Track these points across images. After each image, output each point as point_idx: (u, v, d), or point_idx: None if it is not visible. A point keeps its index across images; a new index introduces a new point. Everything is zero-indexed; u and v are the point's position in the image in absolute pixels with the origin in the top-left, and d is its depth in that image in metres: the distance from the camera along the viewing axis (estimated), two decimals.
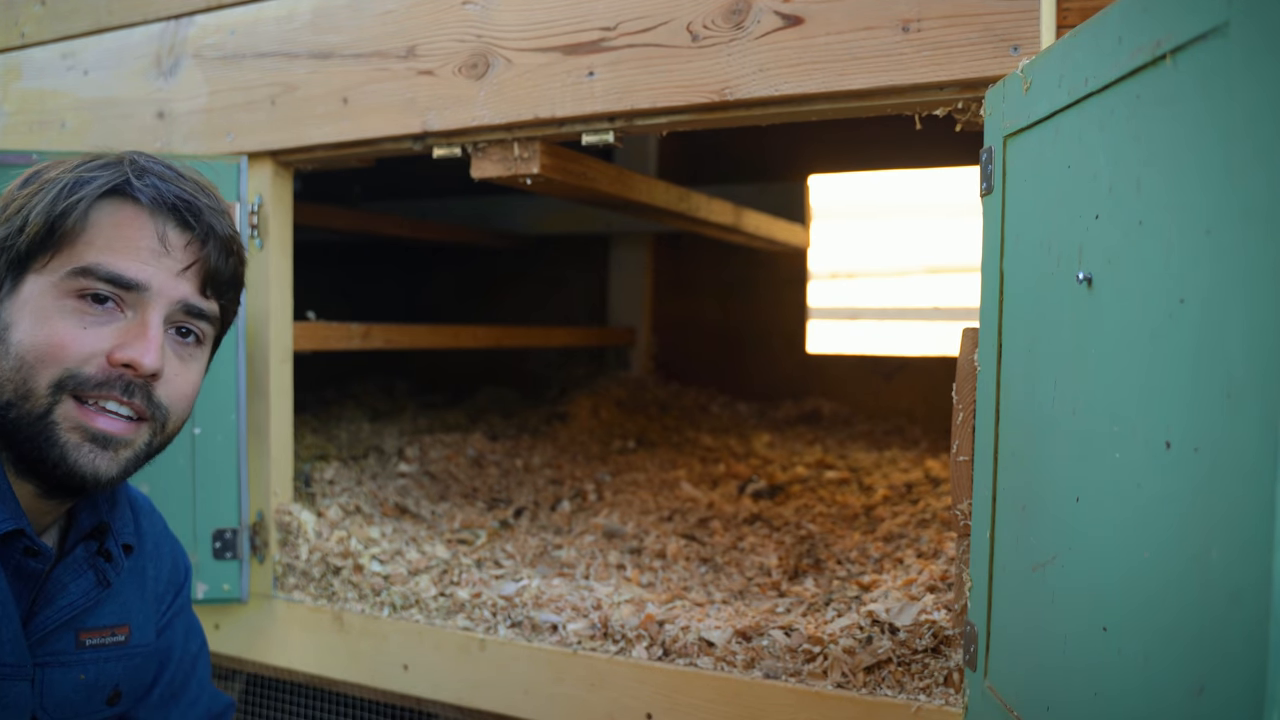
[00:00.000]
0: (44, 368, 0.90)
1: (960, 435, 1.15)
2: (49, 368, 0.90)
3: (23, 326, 0.91)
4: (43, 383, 0.90)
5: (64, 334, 0.90)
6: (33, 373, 0.90)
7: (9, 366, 0.90)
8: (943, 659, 1.22)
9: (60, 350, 0.90)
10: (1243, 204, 0.59)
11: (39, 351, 0.90)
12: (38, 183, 0.93)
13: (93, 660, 1.02)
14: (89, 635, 1.01)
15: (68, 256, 0.91)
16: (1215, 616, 0.60)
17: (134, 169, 0.95)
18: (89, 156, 0.97)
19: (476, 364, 3.54)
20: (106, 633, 1.03)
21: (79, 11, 1.86)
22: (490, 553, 1.74)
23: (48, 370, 0.90)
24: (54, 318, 0.91)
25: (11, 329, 0.91)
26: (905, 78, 1.19)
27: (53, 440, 0.90)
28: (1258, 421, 0.57)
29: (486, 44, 1.47)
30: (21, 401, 0.90)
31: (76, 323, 0.91)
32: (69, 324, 0.91)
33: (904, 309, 4.48)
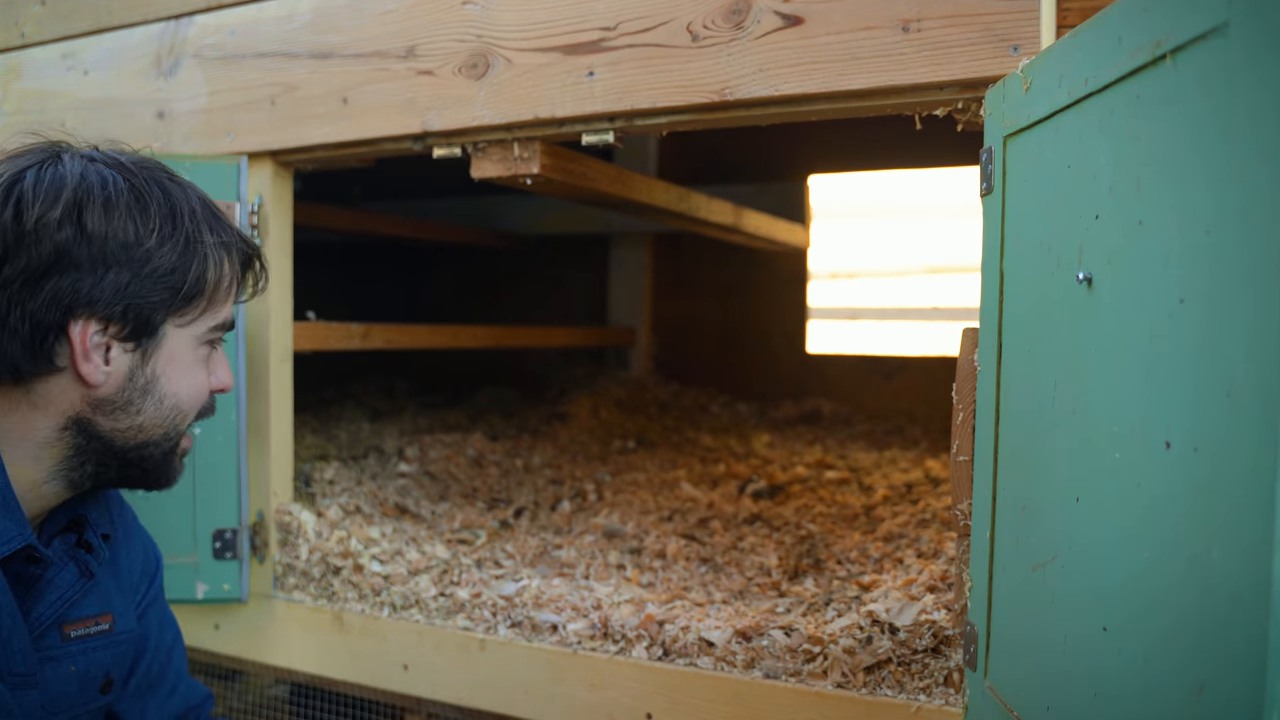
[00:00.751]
0: (190, 412, 1.04)
1: (960, 435, 1.15)
2: (192, 411, 1.04)
3: (175, 378, 1.01)
4: (184, 425, 1.04)
5: (200, 380, 1.04)
6: (184, 418, 1.03)
7: (163, 413, 1.01)
8: (943, 659, 1.22)
9: (201, 395, 1.05)
10: (1243, 204, 0.59)
11: (192, 400, 1.03)
12: (180, 238, 0.97)
13: (80, 651, 1.04)
14: (73, 627, 1.03)
15: (213, 314, 1.03)
16: (1215, 617, 0.60)
17: (232, 233, 1.04)
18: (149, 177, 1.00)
19: (476, 364, 3.54)
20: (90, 623, 1.05)
21: (79, 11, 1.86)
22: (490, 553, 1.74)
23: (191, 413, 1.04)
24: (196, 367, 1.03)
25: (161, 380, 1.00)
26: (905, 78, 1.19)
27: (170, 465, 1.04)
28: (1258, 421, 0.57)
29: (486, 44, 1.47)
30: (166, 442, 1.02)
31: (203, 367, 1.05)
32: (201, 369, 1.04)
33: (904, 309, 4.48)
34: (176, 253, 0.97)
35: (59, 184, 0.93)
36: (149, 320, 0.97)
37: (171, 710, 1.19)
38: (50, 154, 0.98)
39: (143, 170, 1.00)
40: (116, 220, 0.94)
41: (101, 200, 0.94)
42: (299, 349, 1.78)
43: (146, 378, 0.99)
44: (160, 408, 1.00)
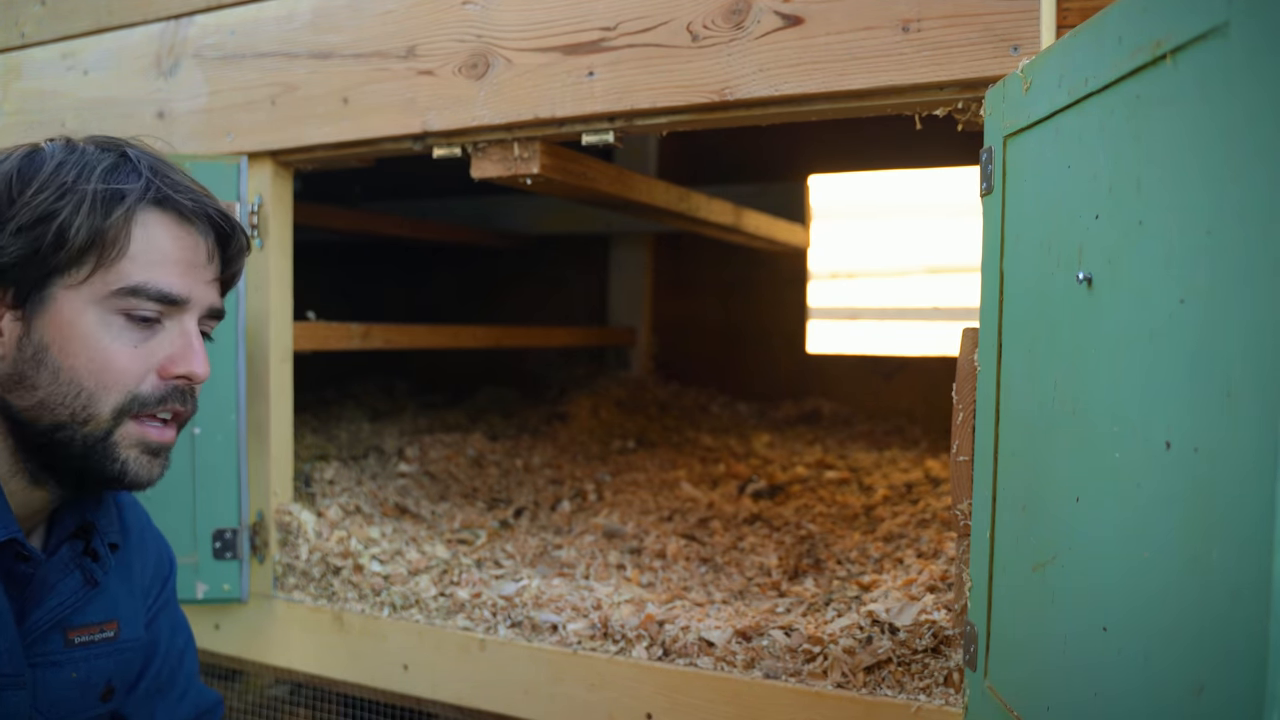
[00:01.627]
0: (106, 394, 0.91)
1: (960, 435, 1.15)
2: (111, 394, 0.91)
3: (71, 349, 0.90)
4: (106, 409, 0.91)
5: (120, 357, 0.91)
6: (93, 400, 0.91)
7: (62, 391, 0.90)
8: (943, 659, 1.22)
9: (121, 375, 0.91)
10: (1242, 204, 0.59)
11: (98, 378, 0.90)
12: (55, 188, 0.89)
13: (83, 658, 1.02)
14: (77, 633, 1.01)
15: (111, 273, 0.90)
16: (1215, 616, 0.60)
17: (160, 178, 0.94)
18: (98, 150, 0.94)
19: (476, 364, 3.54)
20: (95, 629, 1.03)
21: (79, 11, 1.86)
22: (490, 553, 1.74)
23: (110, 396, 0.91)
24: (104, 339, 0.91)
25: (52, 349, 0.90)
26: (905, 78, 1.19)
27: (114, 458, 0.92)
28: (1257, 421, 0.57)
29: (486, 44, 1.47)
30: (80, 425, 0.91)
31: (128, 342, 0.91)
32: (122, 345, 0.91)
33: (904, 309, 4.48)
34: (47, 203, 0.88)
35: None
36: (27, 278, 0.89)
37: (181, 715, 1.17)
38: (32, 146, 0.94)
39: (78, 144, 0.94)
40: (8, 183, 0.89)
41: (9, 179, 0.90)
42: (299, 349, 1.78)
43: (35, 346, 0.90)
44: (57, 382, 0.90)
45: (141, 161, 0.94)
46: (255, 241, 1.67)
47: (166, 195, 0.93)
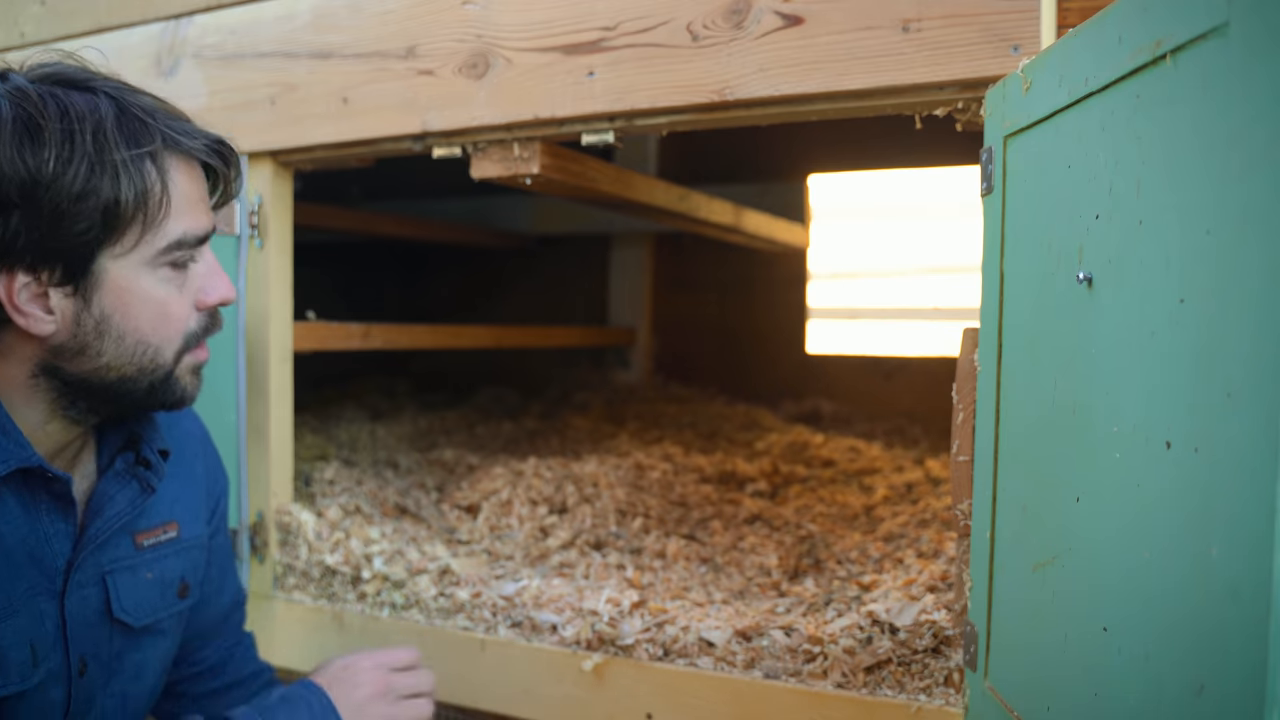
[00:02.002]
0: (169, 343, 0.97)
1: (960, 435, 1.15)
2: (174, 341, 0.98)
3: (133, 313, 0.94)
4: (169, 355, 0.98)
5: (174, 306, 0.97)
6: (159, 351, 0.97)
7: (129, 349, 0.95)
8: (943, 659, 1.22)
9: (178, 321, 0.97)
10: (1243, 204, 0.59)
11: (160, 331, 0.96)
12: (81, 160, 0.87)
13: (154, 559, 1.09)
14: (144, 536, 1.08)
15: (157, 234, 0.93)
16: (1216, 616, 0.60)
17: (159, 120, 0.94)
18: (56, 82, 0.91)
19: (477, 364, 3.54)
20: (159, 531, 1.10)
21: (79, 12, 1.86)
22: (490, 553, 1.74)
23: (173, 343, 0.98)
24: (159, 294, 0.95)
25: (114, 317, 0.94)
26: (905, 78, 1.19)
27: (175, 388, 1.00)
28: (1258, 421, 0.57)
29: (486, 44, 1.47)
30: (148, 374, 0.97)
31: (175, 289, 0.97)
32: (173, 294, 0.96)
33: (904, 309, 4.48)
34: (80, 178, 0.87)
35: None
36: (75, 259, 0.90)
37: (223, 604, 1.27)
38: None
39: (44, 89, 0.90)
40: (5, 156, 0.86)
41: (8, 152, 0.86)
42: (299, 349, 1.78)
43: (95, 319, 0.93)
44: (122, 345, 0.95)
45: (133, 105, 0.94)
46: (255, 241, 1.67)
47: (179, 142, 0.95)
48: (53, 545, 0.98)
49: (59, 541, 0.99)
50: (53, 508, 0.97)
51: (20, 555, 0.94)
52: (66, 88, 0.92)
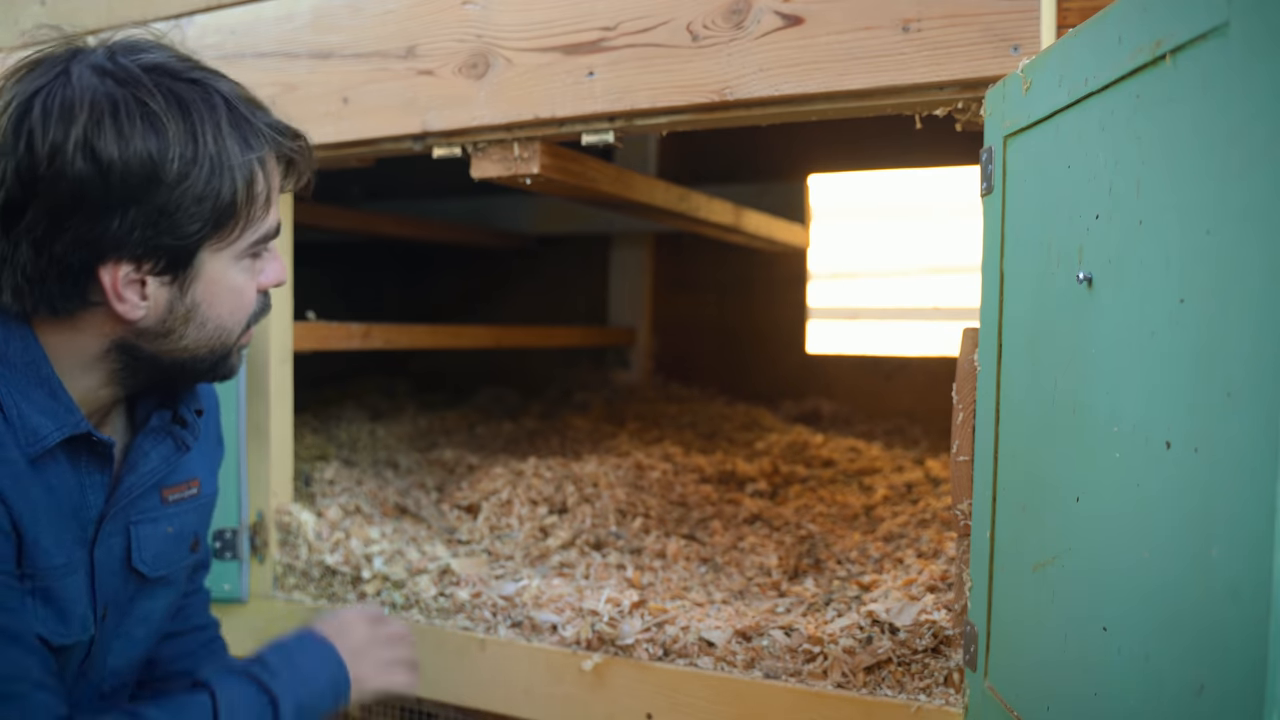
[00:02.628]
0: (238, 324, 1.04)
1: (960, 435, 1.15)
2: (241, 323, 1.04)
3: (219, 300, 1.00)
4: (235, 335, 1.04)
5: (248, 293, 1.03)
6: (230, 333, 1.03)
7: (206, 334, 1.01)
8: (943, 659, 1.22)
9: (250, 306, 1.04)
10: (1243, 204, 0.59)
11: (235, 315, 1.03)
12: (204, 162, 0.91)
13: (176, 513, 1.14)
14: (170, 491, 1.13)
15: (249, 228, 0.99)
16: (1215, 616, 0.60)
17: (268, 127, 0.98)
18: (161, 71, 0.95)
19: (477, 364, 3.54)
20: (184, 488, 1.15)
21: (79, 11, 1.86)
22: (490, 553, 1.74)
23: (240, 325, 1.04)
24: (240, 283, 1.01)
25: (202, 306, 0.99)
26: (905, 78, 1.19)
27: (229, 364, 1.06)
28: (1258, 421, 0.57)
29: (486, 44, 1.47)
30: (214, 355, 1.03)
31: (250, 277, 1.03)
32: (248, 282, 1.03)
33: (904, 309, 4.48)
34: (202, 181, 0.92)
35: (69, 113, 0.89)
36: (182, 253, 0.95)
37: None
38: (60, 69, 0.93)
39: (158, 79, 0.93)
40: (132, 150, 0.89)
41: (113, 130, 0.89)
42: (299, 349, 1.78)
43: (187, 307, 0.98)
44: (203, 330, 1.01)
45: (240, 105, 0.97)
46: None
47: (281, 144, 1.00)
48: (89, 498, 1.02)
49: (94, 493, 1.03)
50: (93, 465, 1.02)
51: (67, 513, 0.99)
52: (174, 79, 0.95)
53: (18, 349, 0.95)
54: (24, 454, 0.93)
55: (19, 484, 0.92)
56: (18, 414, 0.93)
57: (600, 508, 1.89)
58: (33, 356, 0.95)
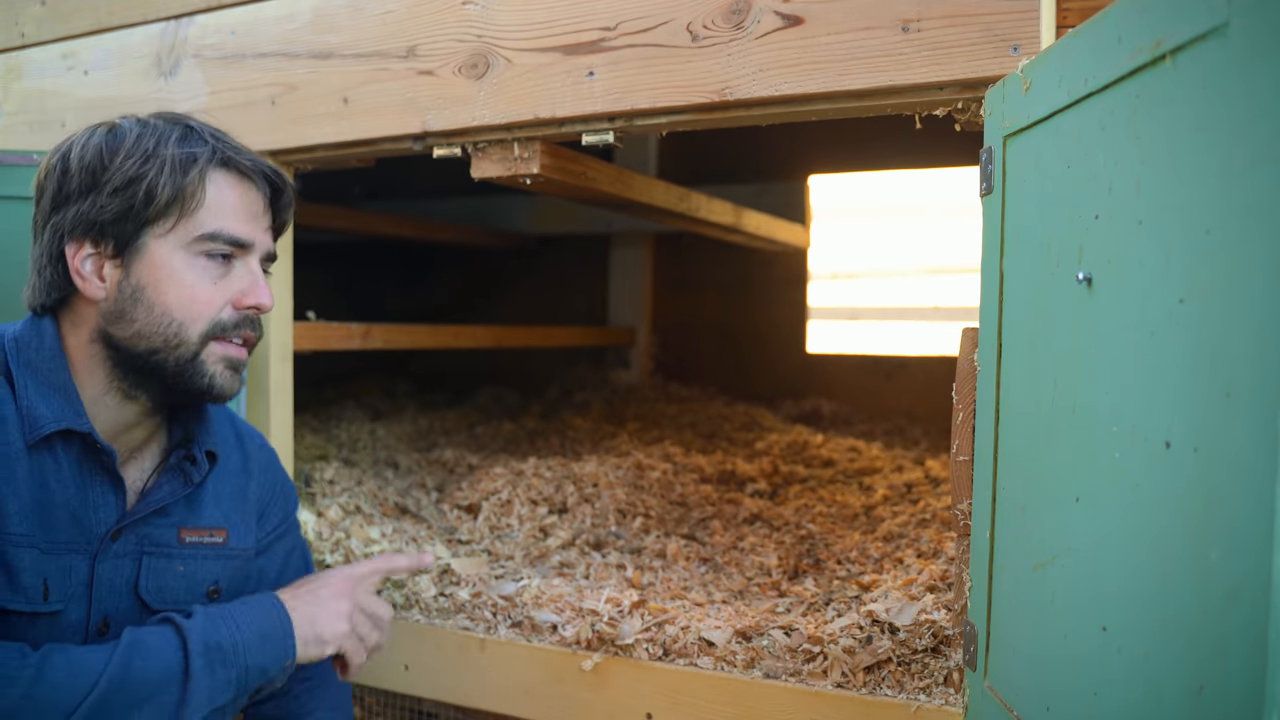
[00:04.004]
0: (195, 323, 1.09)
1: (960, 435, 1.15)
2: (198, 322, 1.10)
3: (163, 287, 1.08)
4: (194, 335, 1.10)
5: (205, 292, 1.10)
6: (184, 328, 1.09)
7: (156, 320, 1.09)
8: (943, 659, 1.22)
9: (206, 307, 1.10)
10: (1243, 204, 0.59)
11: (188, 310, 1.09)
12: (140, 155, 1.07)
13: (191, 556, 1.18)
14: (189, 533, 1.18)
15: (192, 222, 1.09)
16: (1214, 616, 0.60)
17: (220, 142, 1.12)
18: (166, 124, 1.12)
19: (477, 364, 3.54)
20: (205, 533, 1.20)
21: (79, 12, 1.86)
22: (490, 552, 1.73)
23: (198, 324, 1.10)
24: (189, 277, 1.09)
25: (148, 289, 1.08)
26: (905, 78, 1.19)
27: (202, 373, 1.11)
28: (1257, 421, 0.57)
29: (486, 44, 1.47)
30: (173, 349, 1.09)
31: (209, 280, 1.10)
32: (205, 282, 1.10)
33: (904, 309, 4.48)
34: (135, 168, 1.07)
35: (65, 142, 1.11)
36: (123, 233, 1.08)
37: None
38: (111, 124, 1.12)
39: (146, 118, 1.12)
40: (89, 154, 1.08)
41: (82, 143, 1.09)
42: (299, 349, 1.78)
43: (133, 287, 1.08)
44: (152, 315, 1.08)
45: (204, 131, 1.13)
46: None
47: (229, 157, 1.11)
48: (98, 514, 1.10)
49: (105, 511, 1.11)
50: (104, 481, 1.11)
51: (63, 513, 1.07)
52: (162, 119, 1.13)
53: (46, 357, 1.09)
54: (25, 440, 1.05)
55: (6, 454, 1.04)
56: (29, 405, 1.06)
57: (600, 508, 1.89)
58: (56, 364, 1.09)
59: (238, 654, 1.07)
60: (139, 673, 1.01)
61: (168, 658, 1.03)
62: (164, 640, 1.04)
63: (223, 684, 1.05)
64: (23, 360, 1.08)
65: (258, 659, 1.09)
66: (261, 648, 1.10)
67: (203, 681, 1.04)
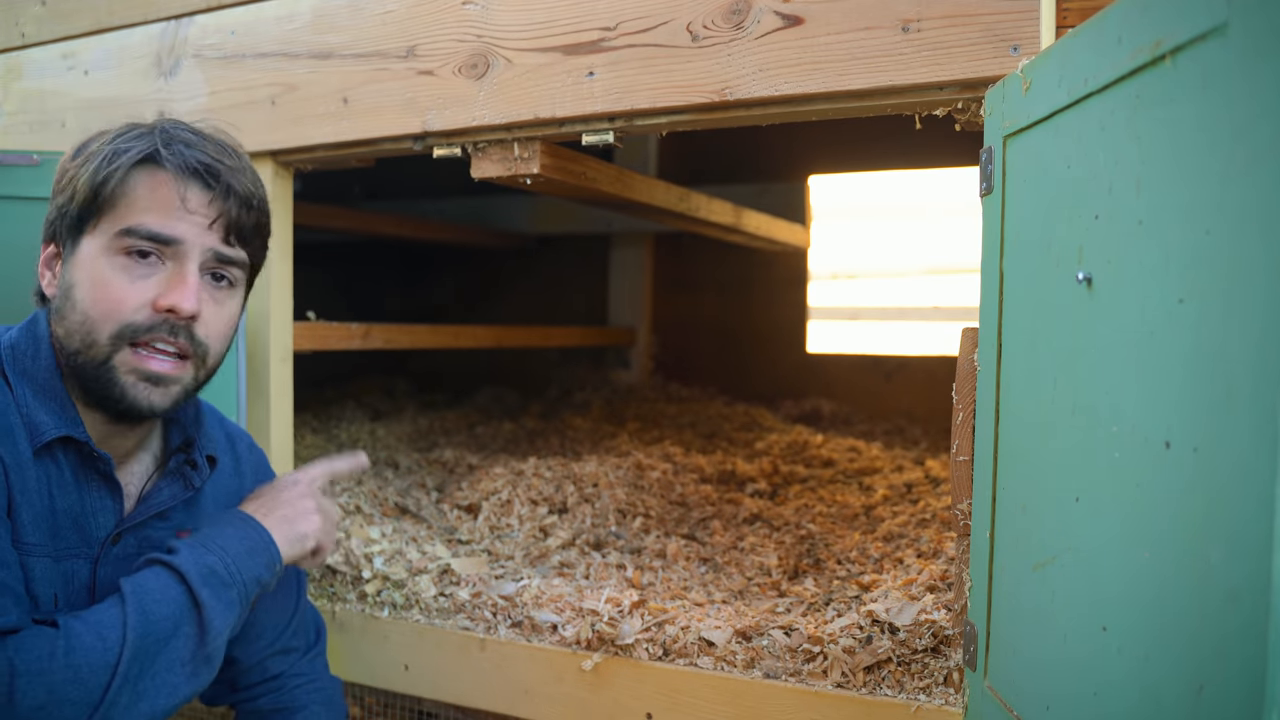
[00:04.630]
0: (104, 322, 1.05)
1: (960, 435, 1.15)
2: (108, 322, 1.05)
3: (85, 285, 1.06)
4: (104, 335, 1.05)
5: (118, 290, 1.05)
6: (95, 327, 1.05)
7: (76, 320, 1.06)
8: (942, 659, 1.22)
9: (117, 305, 1.05)
10: (1243, 204, 0.59)
11: (99, 308, 1.05)
12: (84, 155, 1.07)
13: None
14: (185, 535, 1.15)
15: (112, 219, 1.05)
16: (1214, 616, 0.60)
17: (163, 138, 1.08)
18: (128, 126, 1.10)
19: (477, 364, 3.54)
20: None
21: (79, 12, 1.86)
22: (490, 552, 1.73)
23: (107, 324, 1.05)
24: (107, 275, 1.05)
25: (75, 287, 1.06)
26: (905, 78, 1.19)
27: (113, 382, 1.06)
28: (1257, 421, 0.57)
29: (486, 44, 1.47)
30: (86, 350, 1.06)
31: (126, 278, 1.05)
32: (120, 280, 1.05)
33: (904, 309, 4.48)
34: (74, 169, 1.07)
35: None
36: (63, 233, 1.09)
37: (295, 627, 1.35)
38: None
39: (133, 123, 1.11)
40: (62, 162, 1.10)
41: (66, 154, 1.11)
42: (299, 349, 1.78)
43: (66, 285, 1.08)
44: (74, 313, 1.06)
45: (159, 129, 1.09)
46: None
47: (155, 152, 1.07)
48: (98, 518, 1.11)
49: (104, 515, 1.11)
50: (102, 487, 1.11)
51: (66, 519, 1.08)
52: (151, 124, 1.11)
53: (41, 366, 1.08)
54: (30, 447, 1.05)
55: (19, 462, 1.03)
56: (29, 415, 1.06)
57: (600, 508, 1.89)
58: (50, 374, 1.08)
59: (232, 573, 1.10)
60: (155, 615, 1.03)
61: (173, 593, 1.05)
62: (162, 580, 1.06)
63: (228, 603, 1.09)
64: (18, 369, 1.08)
65: (251, 571, 1.12)
66: (251, 560, 1.13)
67: (214, 606, 1.07)
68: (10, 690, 0.94)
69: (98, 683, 0.98)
